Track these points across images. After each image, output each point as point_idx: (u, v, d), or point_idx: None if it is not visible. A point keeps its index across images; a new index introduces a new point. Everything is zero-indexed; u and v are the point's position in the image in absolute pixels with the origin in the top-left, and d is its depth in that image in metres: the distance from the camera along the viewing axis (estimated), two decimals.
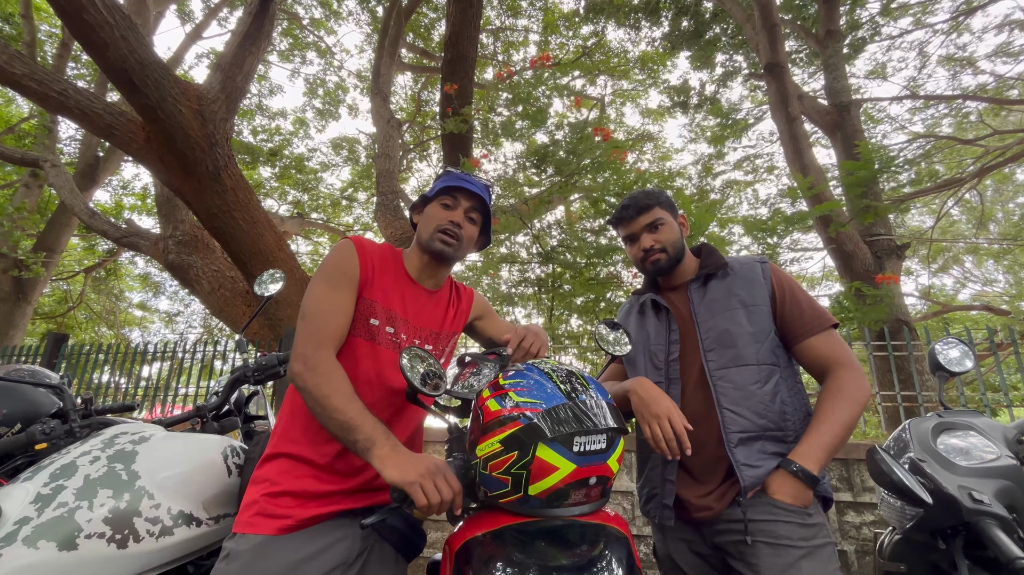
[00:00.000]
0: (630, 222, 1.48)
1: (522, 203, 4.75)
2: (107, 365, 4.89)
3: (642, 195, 1.48)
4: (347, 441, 1.01)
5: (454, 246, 1.26)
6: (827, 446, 1.20)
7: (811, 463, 1.18)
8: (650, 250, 1.44)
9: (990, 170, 8.41)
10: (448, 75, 4.79)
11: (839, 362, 1.30)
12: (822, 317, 1.34)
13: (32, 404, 1.52)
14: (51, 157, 6.52)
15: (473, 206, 1.30)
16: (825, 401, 1.26)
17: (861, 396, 1.25)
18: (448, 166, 1.45)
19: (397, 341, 1.23)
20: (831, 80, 6.60)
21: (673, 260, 1.45)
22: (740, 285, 1.40)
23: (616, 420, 0.93)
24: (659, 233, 1.45)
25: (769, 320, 1.35)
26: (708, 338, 1.36)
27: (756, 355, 1.31)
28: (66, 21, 3.03)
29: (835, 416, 1.22)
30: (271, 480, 1.10)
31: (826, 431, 1.21)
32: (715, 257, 1.48)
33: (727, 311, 1.37)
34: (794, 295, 1.37)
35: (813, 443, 1.20)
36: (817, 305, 1.37)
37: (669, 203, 1.50)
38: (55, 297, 12.57)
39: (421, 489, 0.92)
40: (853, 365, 1.29)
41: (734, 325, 1.34)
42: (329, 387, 1.05)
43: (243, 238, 4.07)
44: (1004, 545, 1.05)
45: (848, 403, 1.24)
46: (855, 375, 1.28)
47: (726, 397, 1.29)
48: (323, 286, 1.18)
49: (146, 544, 1.07)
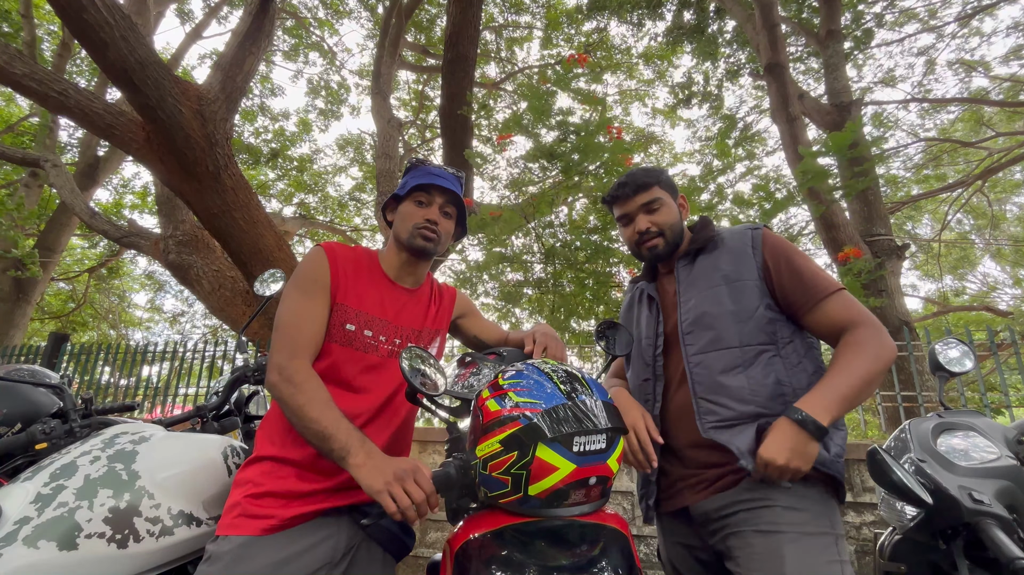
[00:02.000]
0: (626, 201, 1.36)
1: (527, 201, 4.74)
2: (108, 366, 4.90)
3: (641, 172, 1.36)
4: (323, 450, 1.02)
5: (434, 241, 1.27)
6: (840, 396, 1.04)
7: (819, 411, 1.02)
8: (646, 233, 1.33)
9: (993, 172, 8.41)
10: (448, 75, 4.79)
11: (854, 321, 1.14)
12: (827, 282, 1.19)
13: (32, 404, 1.52)
14: (52, 157, 6.52)
15: (447, 200, 1.30)
16: (838, 355, 1.12)
17: (884, 352, 1.09)
18: (415, 158, 1.44)
19: (375, 344, 1.23)
20: (831, 80, 6.60)
21: (671, 245, 1.34)
22: (726, 259, 1.28)
23: (616, 420, 0.93)
24: (657, 214, 1.32)
25: (757, 296, 1.21)
26: (687, 320, 1.26)
27: (739, 336, 1.19)
28: (66, 21, 3.03)
29: (851, 367, 1.07)
30: (253, 481, 1.10)
31: (840, 381, 1.06)
32: (706, 230, 1.36)
33: (709, 289, 1.26)
34: (791, 263, 1.22)
35: (824, 391, 1.05)
36: (820, 270, 1.22)
37: (669, 183, 1.38)
38: (62, 297, 12.59)
39: (389, 496, 0.92)
40: (872, 322, 1.14)
41: (713, 304, 1.23)
42: (304, 396, 1.05)
43: (243, 238, 4.07)
44: (1004, 545, 1.05)
45: (866, 356, 1.08)
46: (874, 331, 1.12)
47: (701, 385, 1.20)
48: (295, 295, 1.19)
49: (146, 544, 1.07)
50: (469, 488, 0.97)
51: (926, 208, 12.42)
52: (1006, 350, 3.64)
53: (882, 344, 1.11)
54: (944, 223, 11.01)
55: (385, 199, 1.65)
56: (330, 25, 10.59)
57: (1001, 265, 14.25)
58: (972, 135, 10.47)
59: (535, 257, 4.81)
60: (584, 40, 9.92)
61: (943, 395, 1.56)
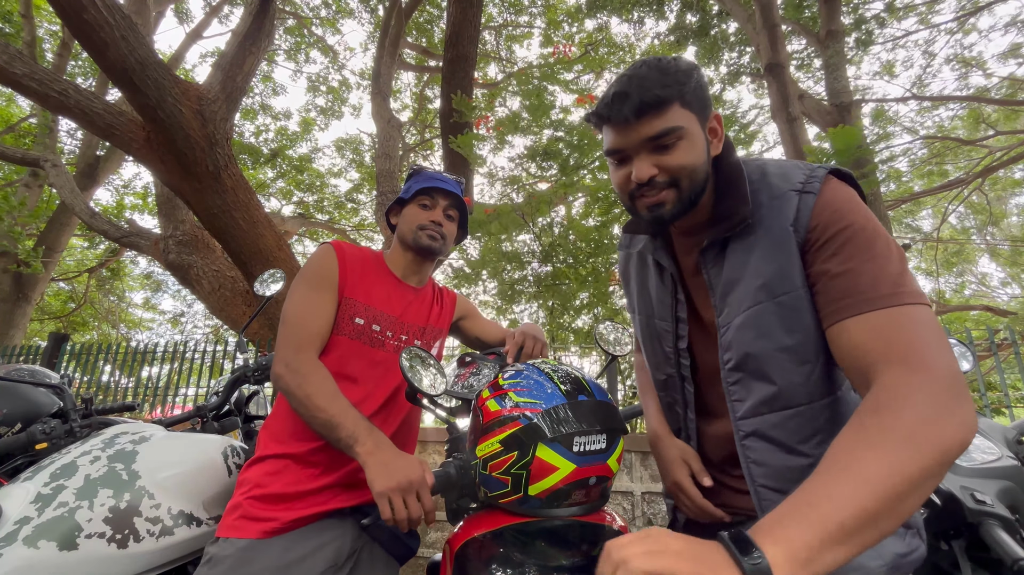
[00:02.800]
0: (623, 127, 0.83)
1: (525, 199, 4.75)
2: (108, 365, 4.90)
3: (655, 75, 0.81)
4: (331, 439, 1.02)
5: (439, 242, 1.31)
6: (825, 524, 0.50)
7: (782, 552, 0.48)
8: (649, 184, 0.84)
9: (993, 170, 8.42)
10: (448, 75, 4.79)
11: (898, 358, 0.64)
12: (892, 285, 0.70)
13: (32, 404, 1.52)
14: (52, 157, 6.53)
15: (450, 204, 1.34)
16: (843, 436, 0.59)
17: (933, 434, 0.56)
18: (417, 164, 1.48)
19: (382, 338, 1.25)
20: (831, 80, 6.60)
21: (685, 203, 0.85)
22: (763, 253, 0.82)
23: (616, 420, 0.93)
24: (671, 154, 0.82)
25: (812, 311, 0.79)
26: (728, 362, 0.86)
27: (807, 389, 0.80)
28: (66, 21, 3.03)
29: (855, 466, 0.54)
30: (256, 482, 1.10)
31: (827, 493, 0.53)
32: (735, 197, 0.86)
33: (749, 309, 0.82)
34: (848, 247, 0.74)
35: (795, 513, 0.52)
36: (894, 267, 0.72)
37: (698, 94, 0.84)
38: (62, 297, 12.59)
39: (388, 503, 0.92)
40: (930, 365, 0.62)
41: (761, 341, 0.81)
42: (311, 386, 1.05)
43: (243, 238, 4.07)
44: (1007, 546, 1.05)
45: (895, 441, 0.55)
46: (929, 387, 0.60)
47: (761, 468, 0.83)
48: (303, 290, 1.20)
49: (146, 544, 1.07)
50: (469, 488, 0.97)
51: (926, 203, 12.43)
52: (1006, 350, 3.64)
53: (934, 414, 0.57)
54: (943, 218, 11.02)
55: (385, 199, 1.67)
56: (332, 24, 10.60)
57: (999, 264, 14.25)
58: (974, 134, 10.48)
59: (534, 256, 4.81)
60: (585, 39, 9.93)
61: None
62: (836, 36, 6.63)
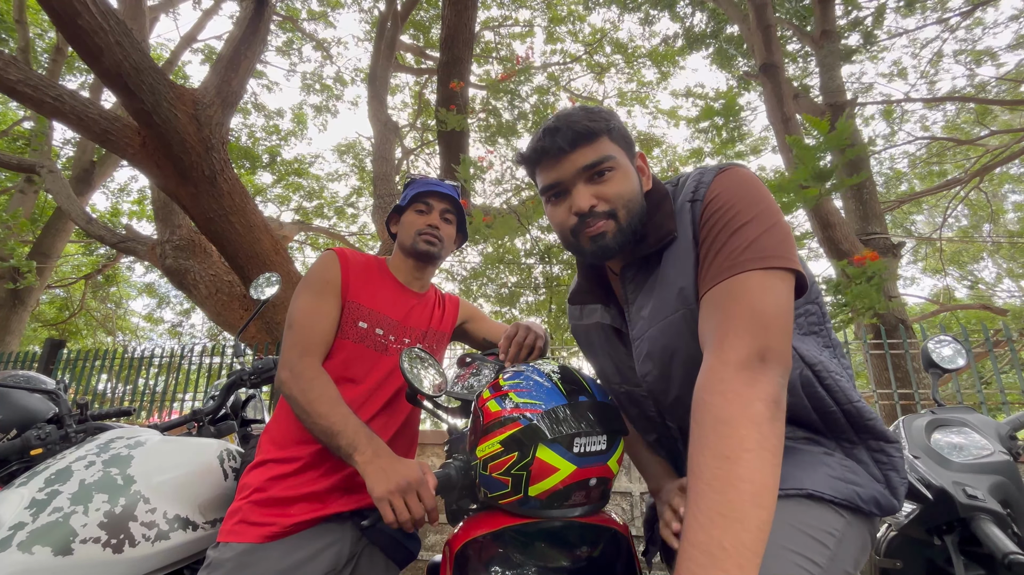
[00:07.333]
0: (556, 160, 0.85)
1: (522, 204, 4.75)
2: (104, 372, 4.87)
3: (581, 115, 0.86)
4: (331, 446, 1.03)
5: (438, 246, 1.32)
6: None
7: None
8: (590, 214, 0.84)
9: (990, 169, 8.46)
10: (444, 77, 4.79)
11: (716, 335, 0.68)
12: (750, 252, 0.71)
13: (27, 410, 1.51)
14: (48, 163, 6.50)
15: (447, 207, 1.36)
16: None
17: (736, 435, 0.59)
18: (413, 173, 1.52)
19: (386, 342, 1.26)
20: (826, 80, 6.64)
21: (626, 234, 0.85)
22: (673, 260, 0.83)
23: (616, 421, 0.93)
24: (606, 183, 0.84)
25: None
26: (658, 394, 0.89)
27: None
28: (60, 27, 3.02)
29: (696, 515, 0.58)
30: (255, 487, 1.10)
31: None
32: (663, 215, 0.86)
33: (663, 319, 0.84)
34: (727, 224, 0.76)
35: None
36: (765, 238, 0.73)
37: (622, 134, 0.89)
38: (57, 304, 12.52)
39: (389, 505, 0.92)
40: (744, 342, 0.65)
41: (678, 364, 0.83)
42: (313, 393, 1.07)
43: (240, 242, 4.06)
44: (998, 540, 1.06)
45: (708, 471, 0.59)
46: (742, 376, 0.63)
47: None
48: (307, 295, 1.22)
49: (142, 548, 1.06)
50: (469, 489, 0.97)
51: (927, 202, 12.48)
52: (1003, 348, 3.65)
53: (740, 411, 0.60)
54: (944, 217, 11.06)
55: (382, 201, 1.67)
56: (328, 20, 10.56)
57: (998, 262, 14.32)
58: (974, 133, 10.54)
59: (533, 259, 4.81)
60: (588, 38, 9.92)
61: (937, 392, 1.57)
62: (831, 36, 6.66)
